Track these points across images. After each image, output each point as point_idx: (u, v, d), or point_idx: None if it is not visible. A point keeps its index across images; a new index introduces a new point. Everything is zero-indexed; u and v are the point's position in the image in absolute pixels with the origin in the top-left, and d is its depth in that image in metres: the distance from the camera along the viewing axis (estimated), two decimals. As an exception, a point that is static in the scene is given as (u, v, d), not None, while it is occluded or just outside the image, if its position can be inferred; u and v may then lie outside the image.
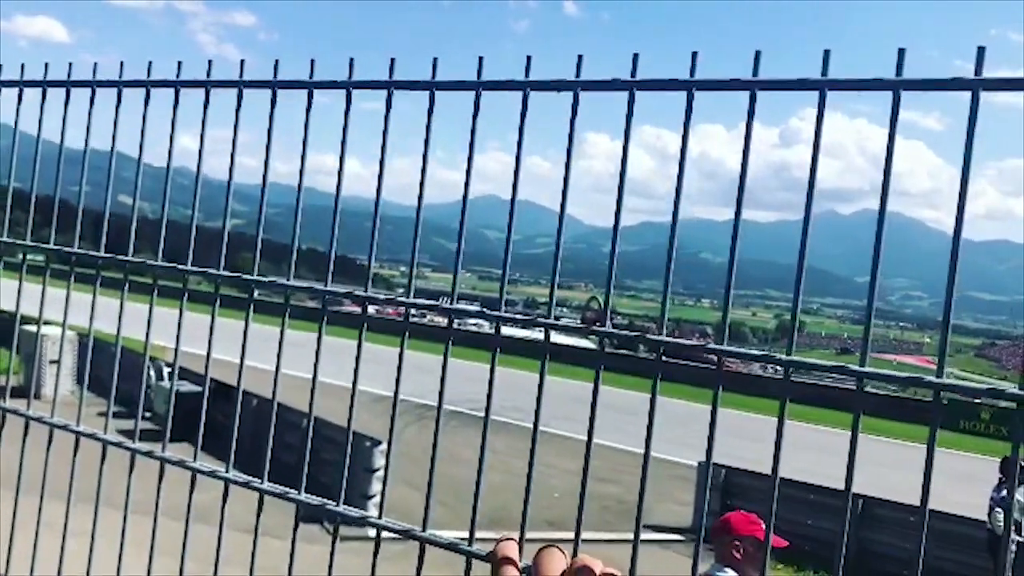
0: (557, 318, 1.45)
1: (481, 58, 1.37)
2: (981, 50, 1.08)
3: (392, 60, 1.48)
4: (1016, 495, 10.65)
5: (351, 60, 1.52)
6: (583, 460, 1.32)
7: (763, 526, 4.74)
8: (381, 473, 14.15)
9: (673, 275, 1.28)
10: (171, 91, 1.80)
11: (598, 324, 1.32)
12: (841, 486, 1.17)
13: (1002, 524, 10.58)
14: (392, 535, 1.49)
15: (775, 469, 1.19)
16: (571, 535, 1.26)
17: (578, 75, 1.30)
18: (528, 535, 1.30)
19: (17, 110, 2.11)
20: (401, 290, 1.64)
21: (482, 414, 1.44)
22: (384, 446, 14.03)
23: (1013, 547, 10.36)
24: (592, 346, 1.35)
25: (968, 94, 1.08)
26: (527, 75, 1.35)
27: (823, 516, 13.57)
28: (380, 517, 1.49)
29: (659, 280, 1.29)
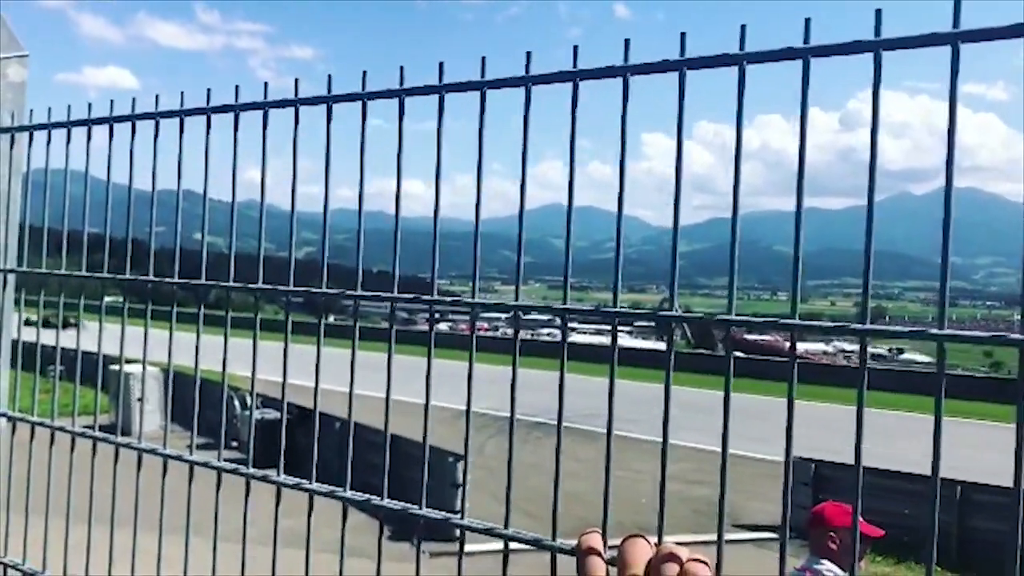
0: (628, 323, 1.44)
1: (529, 53, 1.38)
2: (957, 2, 1.05)
3: (441, 64, 1.50)
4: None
5: (401, 68, 1.54)
6: (666, 455, 1.30)
7: (858, 516, 4.64)
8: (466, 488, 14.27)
9: (748, 269, 1.25)
10: (231, 119, 1.85)
11: (664, 308, 1.31)
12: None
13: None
14: (480, 550, 1.48)
15: (857, 456, 1.16)
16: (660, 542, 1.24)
17: (626, 60, 1.29)
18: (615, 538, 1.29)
19: (87, 149, 2.19)
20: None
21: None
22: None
23: None
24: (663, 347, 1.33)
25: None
26: (575, 65, 1.34)
27: (922, 505, 13.11)
28: (462, 518, 1.49)
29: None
